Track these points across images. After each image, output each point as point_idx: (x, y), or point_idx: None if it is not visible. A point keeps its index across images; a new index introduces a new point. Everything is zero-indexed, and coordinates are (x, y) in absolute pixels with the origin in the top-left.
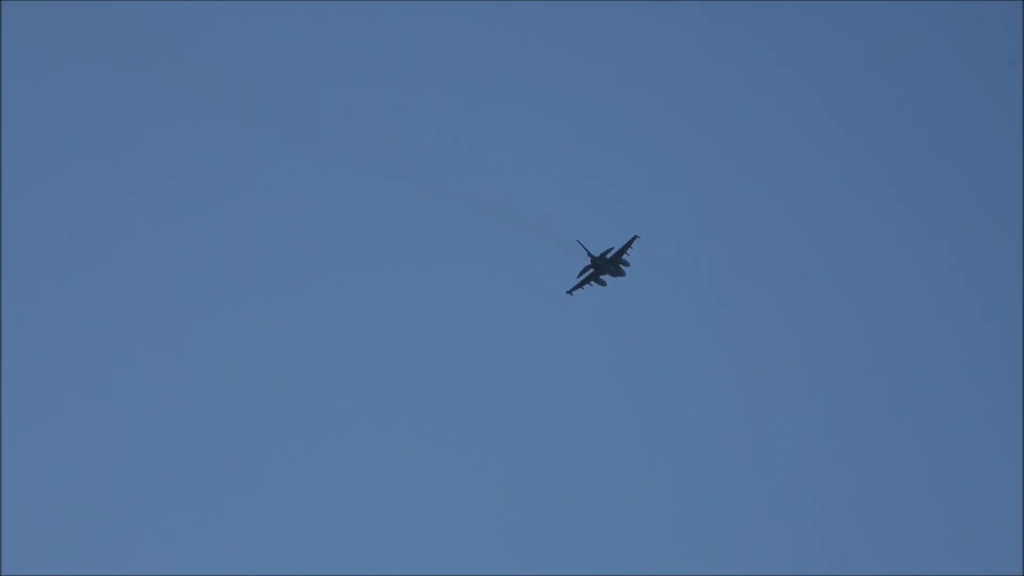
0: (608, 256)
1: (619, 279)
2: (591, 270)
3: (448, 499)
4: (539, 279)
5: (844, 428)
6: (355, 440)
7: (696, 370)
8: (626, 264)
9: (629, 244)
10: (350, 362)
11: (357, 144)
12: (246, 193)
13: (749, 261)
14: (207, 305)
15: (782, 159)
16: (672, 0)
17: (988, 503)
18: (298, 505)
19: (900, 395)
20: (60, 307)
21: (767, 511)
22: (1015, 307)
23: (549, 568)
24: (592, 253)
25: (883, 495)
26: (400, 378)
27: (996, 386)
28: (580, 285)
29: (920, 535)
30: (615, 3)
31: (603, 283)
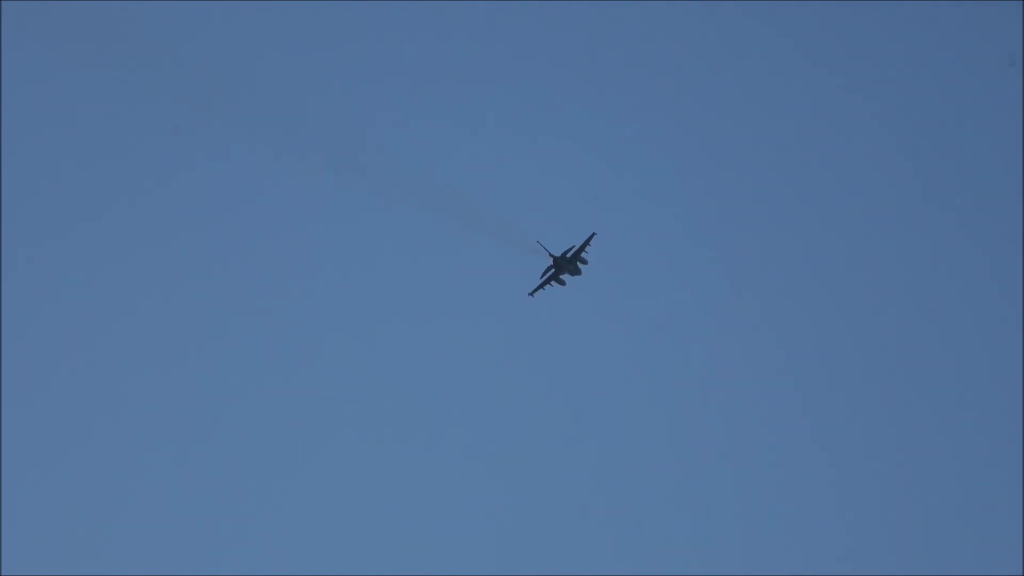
0: (568, 255)
1: (577, 278)
2: (552, 270)
3: (445, 500)
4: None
5: (843, 428)
6: (348, 441)
7: (693, 369)
8: (584, 262)
9: (588, 242)
10: (343, 361)
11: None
12: (233, 197)
13: (746, 261)
14: (194, 308)
15: (781, 159)
16: (670, 0)
17: (988, 503)
18: (292, 506)
19: (900, 395)
20: (59, 308)
21: (766, 511)
22: (1015, 307)
23: (545, 568)
24: (553, 253)
25: (884, 495)
26: (389, 378)
27: (996, 386)
28: (542, 286)
29: (920, 535)
30: (608, 4)
31: (563, 283)
